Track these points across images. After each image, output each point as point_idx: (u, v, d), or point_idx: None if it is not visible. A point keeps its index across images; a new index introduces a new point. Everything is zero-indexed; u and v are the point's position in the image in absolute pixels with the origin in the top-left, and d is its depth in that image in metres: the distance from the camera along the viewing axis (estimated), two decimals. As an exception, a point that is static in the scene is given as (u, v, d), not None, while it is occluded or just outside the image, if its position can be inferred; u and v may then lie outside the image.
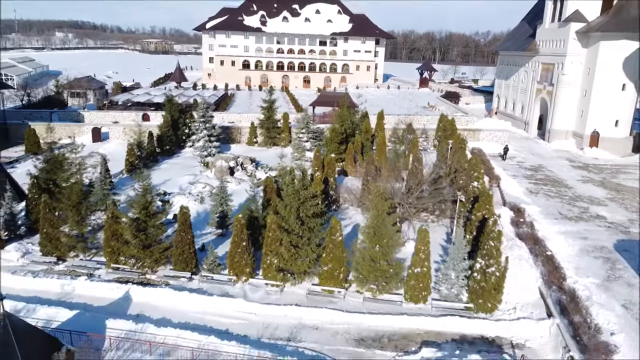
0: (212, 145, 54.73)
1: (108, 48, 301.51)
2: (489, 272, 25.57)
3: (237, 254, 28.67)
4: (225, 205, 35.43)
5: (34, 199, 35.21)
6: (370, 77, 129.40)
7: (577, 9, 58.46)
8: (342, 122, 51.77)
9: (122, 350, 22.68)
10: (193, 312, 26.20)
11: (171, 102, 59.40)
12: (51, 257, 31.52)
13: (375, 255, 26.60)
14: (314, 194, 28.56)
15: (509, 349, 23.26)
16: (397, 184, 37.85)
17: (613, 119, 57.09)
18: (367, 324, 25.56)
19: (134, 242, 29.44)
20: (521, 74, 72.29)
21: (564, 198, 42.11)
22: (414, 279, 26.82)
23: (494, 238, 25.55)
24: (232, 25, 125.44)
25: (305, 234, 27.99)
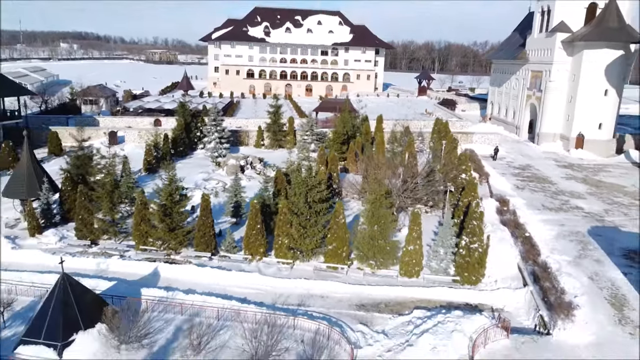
0: (223, 147, 58.69)
1: (113, 58, 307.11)
2: (473, 248, 29.43)
3: (252, 235, 32.56)
4: (239, 196, 39.38)
5: (67, 191, 39.24)
6: (371, 86, 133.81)
7: (562, 20, 62.73)
8: (344, 125, 55.84)
9: (157, 311, 26.47)
10: (215, 284, 30.02)
11: (184, 107, 63.58)
12: (85, 241, 35.45)
13: (373, 235, 30.49)
14: (320, 181, 32.51)
15: (489, 313, 26.97)
16: (394, 180, 41.78)
17: (597, 122, 61.10)
18: (366, 293, 29.39)
19: (160, 225, 33.34)
20: (513, 82, 76.50)
21: (547, 192, 46.00)
22: (408, 256, 30.67)
23: (477, 218, 29.45)
24: (237, 35, 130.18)
25: (312, 216, 31.92)
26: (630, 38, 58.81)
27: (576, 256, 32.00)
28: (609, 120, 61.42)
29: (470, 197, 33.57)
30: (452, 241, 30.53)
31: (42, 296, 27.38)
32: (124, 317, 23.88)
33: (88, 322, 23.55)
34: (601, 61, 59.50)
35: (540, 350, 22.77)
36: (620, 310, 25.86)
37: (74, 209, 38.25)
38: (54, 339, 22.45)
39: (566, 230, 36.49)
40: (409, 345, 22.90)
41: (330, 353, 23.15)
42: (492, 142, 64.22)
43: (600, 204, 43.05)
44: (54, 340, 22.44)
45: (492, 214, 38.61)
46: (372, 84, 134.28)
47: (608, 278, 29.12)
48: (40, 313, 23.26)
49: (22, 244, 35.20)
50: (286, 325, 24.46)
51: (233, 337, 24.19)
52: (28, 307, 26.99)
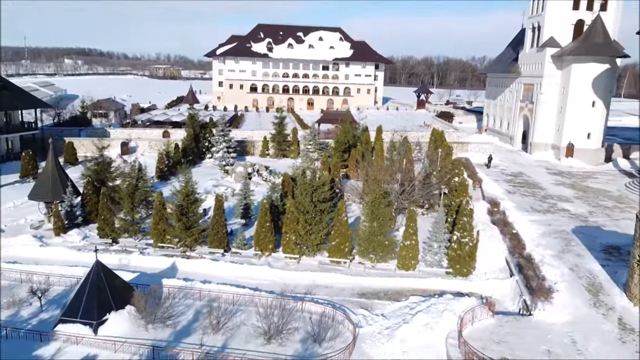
0: (230, 156, 61.79)
1: (117, 74, 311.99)
2: (464, 243, 32.31)
3: (262, 233, 35.48)
4: (248, 199, 42.39)
5: (88, 195, 42.28)
6: (370, 100, 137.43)
7: (551, 35, 66.23)
8: (345, 135, 59.02)
9: (178, 298, 29.32)
10: (228, 276, 32.85)
11: (193, 119, 66.92)
12: (107, 239, 38.37)
13: (373, 230, 33.41)
14: (324, 182, 35.52)
15: (478, 299, 29.74)
16: (393, 185, 44.76)
17: (585, 132, 64.22)
18: (367, 283, 32.24)
19: (177, 224, 36.27)
20: (506, 94, 79.87)
21: (536, 196, 48.93)
22: (405, 251, 33.54)
23: (467, 215, 32.39)
24: (241, 51, 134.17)
25: (317, 215, 34.88)
26: (616, 52, 62.25)
27: (559, 251, 34.84)
28: (597, 130, 64.53)
29: (461, 197, 36.51)
30: (445, 236, 33.44)
31: (72, 286, 30.35)
32: (149, 301, 26.74)
33: (119, 304, 26.42)
34: (588, 74, 62.82)
35: (521, 328, 25.56)
36: (596, 295, 28.65)
37: (94, 211, 41.40)
38: (89, 318, 25.29)
39: (552, 229, 39.35)
40: (405, 323, 25.69)
41: (334, 331, 25.97)
42: (486, 151, 67.30)
43: (585, 206, 45.95)
44: (89, 319, 25.27)
45: (484, 214, 41.54)
46: (372, 97, 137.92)
47: (587, 269, 31.94)
48: (77, 296, 26.13)
49: (48, 242, 38.13)
50: (295, 309, 27.27)
51: (248, 319, 27.02)
52: (60, 295, 29.86)
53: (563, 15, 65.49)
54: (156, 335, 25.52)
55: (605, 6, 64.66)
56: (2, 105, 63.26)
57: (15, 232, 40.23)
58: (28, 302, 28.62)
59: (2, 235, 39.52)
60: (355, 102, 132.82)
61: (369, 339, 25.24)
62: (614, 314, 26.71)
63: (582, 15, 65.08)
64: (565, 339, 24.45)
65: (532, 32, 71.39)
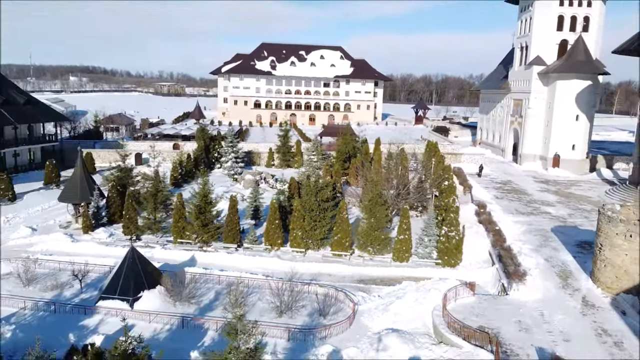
0: (238, 166, 66.28)
1: (122, 91, 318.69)
2: (451, 236, 36.47)
3: (271, 229, 39.69)
4: (258, 201, 46.68)
5: (112, 198, 46.61)
6: (370, 115, 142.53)
7: (538, 54, 71.13)
8: (346, 145, 63.53)
9: (199, 282, 33.37)
10: (242, 266, 36.94)
11: (204, 131, 71.56)
12: (130, 236, 42.50)
13: (371, 225, 37.62)
14: (327, 184, 39.85)
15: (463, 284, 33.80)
16: (390, 190, 49.06)
17: (570, 144, 68.70)
18: (365, 272, 36.36)
19: (196, 222, 40.47)
20: (498, 109, 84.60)
21: (522, 201, 53.17)
22: (399, 244, 37.69)
23: (454, 211, 36.63)
24: (245, 69, 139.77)
25: (321, 212, 39.13)
26: (596, 70, 67.07)
27: (537, 245, 38.96)
28: (581, 142, 69.02)
29: (449, 197, 40.76)
30: (435, 231, 37.62)
31: (105, 273, 34.59)
32: (175, 283, 30.89)
33: (150, 284, 30.56)
34: (572, 90, 67.54)
35: (497, 304, 29.61)
36: (565, 280, 32.74)
37: (117, 213, 45.78)
38: (126, 294, 29.40)
39: (533, 228, 43.51)
40: (397, 299, 29.77)
41: (337, 308, 30.07)
42: (478, 162, 71.73)
43: (566, 210, 50.15)
44: (126, 295, 29.39)
45: (472, 215, 45.72)
46: (371, 113, 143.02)
47: (560, 259, 36.04)
48: (114, 277, 30.30)
49: (78, 239, 42.29)
50: (302, 291, 31.39)
51: (262, 297, 31.13)
52: (96, 280, 34.01)
53: (548, 36, 70.49)
54: (183, 311, 29.59)
55: (587, 27, 69.70)
56: (25, 119, 67.97)
57: (46, 231, 44.47)
58: (70, 285, 32.77)
59: (35, 233, 43.89)
60: (356, 117, 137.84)
61: (366, 313, 29.31)
62: (579, 294, 30.78)
63: (566, 36, 70.07)
64: (535, 312, 28.49)
65: (521, 51, 76.41)
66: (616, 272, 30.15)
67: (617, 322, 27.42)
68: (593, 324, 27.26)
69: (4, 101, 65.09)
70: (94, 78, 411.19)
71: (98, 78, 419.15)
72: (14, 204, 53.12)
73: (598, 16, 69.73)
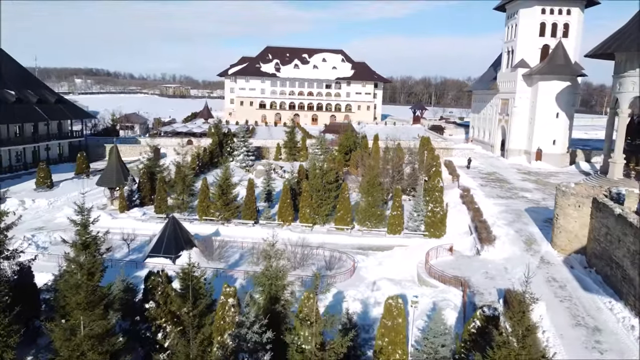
0: (249, 159, 73.19)
1: (128, 93, 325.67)
2: (436, 211, 43.23)
3: (284, 207, 46.50)
4: (270, 186, 53.50)
5: (143, 182, 53.45)
6: (370, 116, 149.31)
7: (522, 58, 77.96)
8: (347, 139, 70.34)
9: (225, 248, 40.15)
10: (259, 237, 43.47)
11: (218, 128, 78.42)
12: (162, 214, 49.35)
13: (369, 203, 44.41)
14: (331, 168, 46.66)
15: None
16: (385, 178, 55.82)
17: (551, 139, 75.48)
18: (364, 242, 43.19)
19: (219, 202, 47.28)
20: (488, 108, 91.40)
21: (503, 188, 59.92)
22: (392, 219, 44.45)
23: (439, 191, 43.42)
24: (251, 71, 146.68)
25: (326, 192, 45.94)
26: (574, 72, 73.89)
27: (510, 221, 45.67)
28: (562, 137, 75.80)
29: (436, 179, 47.52)
30: (423, 207, 44.40)
31: (144, 241, 41.34)
32: (207, 246, 37.69)
33: (187, 246, 37.35)
34: (553, 90, 74.34)
35: (470, 262, 36.37)
36: (529, 245, 39.47)
37: (147, 195, 52.64)
38: (169, 253, 36.20)
39: (509, 208, 50.22)
40: (389, 258, 36.56)
41: (340, 264, 36.87)
42: (468, 156, 78.45)
43: (541, 194, 56.87)
44: (169, 253, 36.18)
45: (457, 198, 52.51)
46: (371, 113, 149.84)
47: (528, 231, 42.76)
48: (159, 240, 37.11)
49: (117, 217, 49.09)
50: (311, 253, 38.17)
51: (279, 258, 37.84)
52: (138, 246, 40.82)
53: (531, 41, 77.30)
54: (215, 266, 36.36)
55: (566, 33, 76.49)
56: (56, 116, 74.87)
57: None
58: (120, 248, 39.59)
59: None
60: (356, 117, 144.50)
61: (364, 268, 36.10)
62: (538, 255, 37.51)
63: (547, 41, 76.87)
64: (500, 267, 35.23)
65: (507, 55, 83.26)
66: (568, 236, 36.92)
67: (565, 273, 34.17)
68: (546, 274, 33.99)
69: (38, 100, 72.01)
70: (98, 80, 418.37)
71: (103, 80, 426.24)
72: (52, 190, 59.95)
73: (577, 23, 76.54)
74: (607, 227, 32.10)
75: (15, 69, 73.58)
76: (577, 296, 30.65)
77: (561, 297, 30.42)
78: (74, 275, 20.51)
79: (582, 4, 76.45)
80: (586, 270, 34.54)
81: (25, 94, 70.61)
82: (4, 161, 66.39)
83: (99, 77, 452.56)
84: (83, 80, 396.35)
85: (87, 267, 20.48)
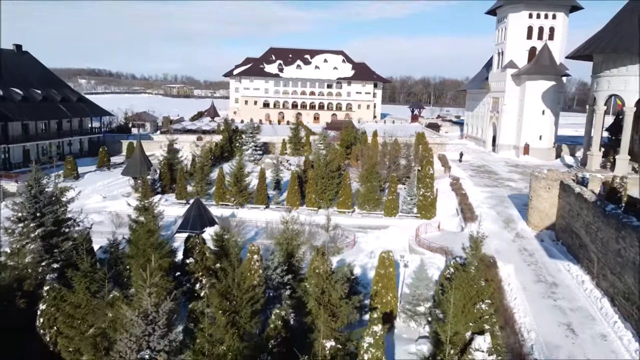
0: (257, 153, 78.94)
1: (132, 93, 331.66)
2: (427, 195, 48.92)
3: (292, 193, 52.23)
4: (279, 175, 59.24)
5: (164, 173, 59.23)
6: (370, 114, 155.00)
7: (511, 59, 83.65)
8: (348, 135, 76.09)
9: (241, 227, 45.79)
10: (270, 219, 49.40)
11: (227, 125, 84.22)
12: (182, 200, 55.10)
13: (367, 189, 50.12)
14: (333, 158, 52.40)
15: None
16: (382, 170, 61.53)
17: (538, 135, 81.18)
18: (363, 222, 48.92)
19: (233, 188, 53.00)
20: (480, 106, 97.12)
21: (491, 178, 65.62)
22: (389, 203, 50.15)
23: (429, 177, 49.12)
24: (255, 72, 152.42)
25: (329, 179, 51.66)
26: (559, 72, 79.60)
27: (493, 205, 51.41)
28: (548, 133, 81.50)
29: (427, 168, 53.21)
30: (415, 192, 50.11)
31: (170, 222, 47.01)
32: (226, 225, 43.35)
33: (210, 224, 43.06)
34: (539, 89, 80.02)
35: (455, 236, 42.06)
36: (508, 223, 45.18)
37: (168, 184, 58.40)
38: (195, 229, 41.90)
39: (494, 195, 55.94)
40: (385, 233, 42.31)
41: (342, 238, 42.59)
42: (459, 149, 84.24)
43: (524, 184, 62.31)
44: (195, 230, 41.88)
45: (447, 186, 58.23)
46: (371, 112, 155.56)
47: (508, 213, 48.46)
48: (185, 217, 42.89)
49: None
50: (317, 231, 43.85)
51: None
52: (165, 225, 46.40)
53: (519, 43, 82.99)
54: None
55: (552, 36, 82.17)
56: (78, 113, 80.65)
57: (113, 198, 57.02)
58: (150, 226, 45.23)
59: (105, 199, 56.51)
60: (356, 116, 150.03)
61: (363, 242, 41.86)
62: (514, 231, 43.22)
63: (534, 43, 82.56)
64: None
65: (498, 56, 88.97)
66: (540, 215, 42.64)
67: (535, 245, 39.90)
68: (519, 246, 39.72)
69: (62, 99, 77.78)
70: (102, 80, 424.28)
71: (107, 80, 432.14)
72: (78, 181, 65.68)
73: (562, 27, 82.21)
74: (570, 204, 37.85)
75: (39, 70, 79.35)
76: (543, 262, 36.38)
77: (528, 262, 36.16)
78: (147, 224, 26.26)
79: (566, 9, 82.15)
80: (554, 242, 40.27)
81: (50, 93, 76.40)
82: (32, 154, 72.10)
83: (102, 77, 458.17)
84: (87, 81, 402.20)
85: (151, 219, 26.18)
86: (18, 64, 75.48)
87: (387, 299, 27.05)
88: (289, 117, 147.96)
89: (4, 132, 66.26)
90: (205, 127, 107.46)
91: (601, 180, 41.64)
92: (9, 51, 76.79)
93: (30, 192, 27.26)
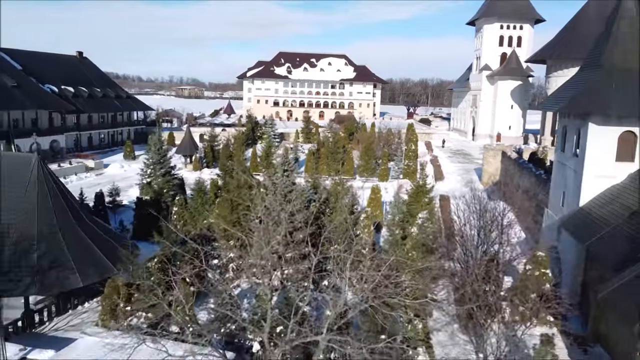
0: (276, 140, 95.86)
1: (144, 94, 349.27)
2: (410, 165, 65.80)
3: (308, 165, 69.14)
4: (296, 154, 76.19)
5: (208, 151, 76.27)
6: (370, 112, 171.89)
7: (486, 63, 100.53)
8: (351, 125, 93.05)
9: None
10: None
11: (250, 118, 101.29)
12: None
13: (365, 162, 67.06)
14: (339, 139, 69.36)
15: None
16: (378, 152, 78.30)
17: (507, 125, 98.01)
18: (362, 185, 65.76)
19: (264, 162, 69.90)
20: (463, 103, 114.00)
21: (465, 158, 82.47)
22: (381, 172, 67.00)
23: (412, 151, 66.05)
24: (266, 74, 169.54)
25: (337, 154, 68.62)
26: (525, 74, 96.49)
27: (461, 173, 68.26)
28: (516, 124, 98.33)
29: (410, 145, 70.03)
30: (401, 163, 67.04)
31: (220, 184, 63.95)
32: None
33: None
34: (508, 88, 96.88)
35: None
36: (467, 184, 61.90)
37: (211, 161, 75.42)
38: (242, 185, 58.75)
39: (463, 168, 72.83)
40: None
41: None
42: (441, 137, 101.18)
43: (490, 161, 79.26)
44: (242, 185, 58.72)
45: (428, 162, 75.08)
46: (371, 110, 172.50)
47: (469, 177, 65.26)
48: (235, 178, 59.77)
49: (194, 173, 71.69)
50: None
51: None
52: (217, 186, 63.39)
53: (493, 50, 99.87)
54: (270, 194, 58.97)
55: (520, 43, 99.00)
56: (127, 108, 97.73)
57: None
58: (207, 185, 62.19)
59: (164, 172, 73.43)
60: (358, 113, 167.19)
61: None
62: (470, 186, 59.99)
63: (505, 50, 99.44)
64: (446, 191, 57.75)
65: (476, 60, 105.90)
66: (488, 175, 59.50)
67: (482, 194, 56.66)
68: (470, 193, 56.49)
69: (116, 96, 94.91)
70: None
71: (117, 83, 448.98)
72: (135, 160, 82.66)
73: (528, 35, 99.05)
74: (505, 165, 54.74)
75: (97, 72, 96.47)
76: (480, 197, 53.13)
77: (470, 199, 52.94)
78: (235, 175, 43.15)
79: (531, 22, 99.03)
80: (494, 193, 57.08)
81: (106, 91, 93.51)
82: (94, 140, 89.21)
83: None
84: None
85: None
86: (81, 68, 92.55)
87: (376, 214, 43.82)
88: (297, 115, 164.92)
89: (77, 122, 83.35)
90: (227, 122, 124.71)
91: (530, 150, 58.47)
92: (73, 57, 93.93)
93: (156, 150, 44.26)
